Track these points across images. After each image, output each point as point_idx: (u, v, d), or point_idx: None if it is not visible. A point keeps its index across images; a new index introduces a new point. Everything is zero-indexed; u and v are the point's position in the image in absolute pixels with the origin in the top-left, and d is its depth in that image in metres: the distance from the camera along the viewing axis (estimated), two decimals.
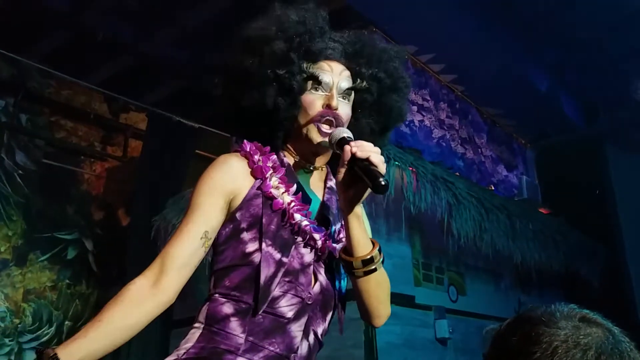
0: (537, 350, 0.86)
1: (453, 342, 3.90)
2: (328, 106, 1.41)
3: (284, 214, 1.34)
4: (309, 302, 1.34)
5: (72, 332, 4.81)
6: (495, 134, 5.48)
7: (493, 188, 5.13)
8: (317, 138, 1.40)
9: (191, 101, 5.28)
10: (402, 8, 4.04)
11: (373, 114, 1.52)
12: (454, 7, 4.14)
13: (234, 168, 1.38)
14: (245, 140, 1.43)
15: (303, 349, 1.34)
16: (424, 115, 4.37)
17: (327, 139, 1.38)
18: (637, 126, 5.68)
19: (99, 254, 5.18)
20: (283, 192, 1.36)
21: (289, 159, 1.45)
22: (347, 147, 1.28)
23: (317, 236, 1.36)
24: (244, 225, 1.33)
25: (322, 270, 1.39)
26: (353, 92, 1.48)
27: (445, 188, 3.89)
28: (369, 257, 1.33)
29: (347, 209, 1.33)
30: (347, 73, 1.48)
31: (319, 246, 1.37)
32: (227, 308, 1.30)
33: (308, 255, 1.36)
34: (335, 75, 1.45)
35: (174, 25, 4.46)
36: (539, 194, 5.81)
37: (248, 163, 1.39)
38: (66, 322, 4.87)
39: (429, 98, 4.50)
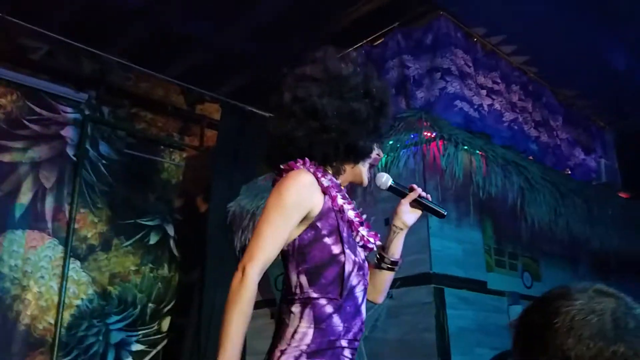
0: (557, 321, 0.95)
1: None
2: (378, 154, 1.93)
3: (350, 224, 1.78)
4: (366, 288, 1.81)
5: (155, 313, 5.08)
6: (572, 116, 5.29)
7: (569, 172, 4.98)
8: (365, 179, 1.90)
9: (262, 91, 5.39)
10: None
11: None
12: None
13: (312, 186, 1.72)
14: (307, 160, 1.77)
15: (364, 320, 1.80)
16: (493, 99, 4.27)
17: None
18: None
19: (179, 239, 5.41)
20: (349, 209, 1.79)
21: (333, 177, 1.83)
22: (416, 190, 1.89)
23: (372, 239, 1.85)
24: (324, 232, 1.70)
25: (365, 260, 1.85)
26: None
27: (518, 172, 3.82)
28: (401, 260, 1.94)
29: (403, 226, 1.91)
30: None
31: (373, 249, 1.87)
32: (329, 308, 1.67)
33: (363, 253, 1.82)
34: None
35: (244, 17, 4.57)
36: (618, 178, 5.59)
37: (317, 181, 1.74)
38: (149, 305, 5.11)
39: (499, 81, 4.39)
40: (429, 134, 3.56)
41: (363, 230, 1.82)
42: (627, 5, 4.52)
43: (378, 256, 1.92)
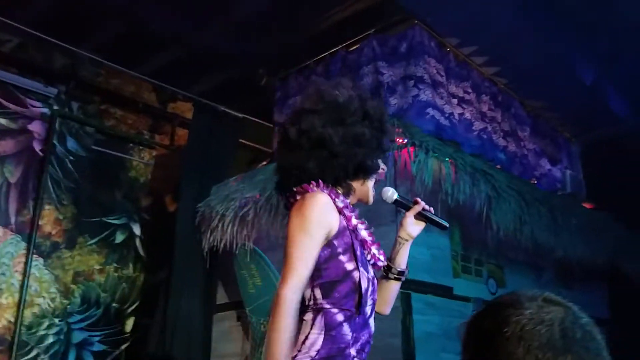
0: (508, 330, 0.96)
1: None
2: (382, 169, 2.01)
3: (363, 243, 1.90)
4: (375, 302, 1.91)
5: (119, 314, 5.00)
6: (539, 127, 5.39)
7: (535, 182, 5.07)
8: (371, 197, 1.99)
9: (236, 92, 5.38)
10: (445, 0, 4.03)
11: None
12: None
13: (330, 206, 1.82)
14: (320, 182, 1.86)
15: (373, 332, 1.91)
16: (464, 108, 4.33)
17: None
18: None
19: (146, 238, 5.34)
20: (362, 229, 1.91)
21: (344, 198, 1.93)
22: (420, 203, 2.00)
23: (382, 257, 1.97)
24: (340, 250, 1.81)
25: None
26: None
27: (485, 180, 3.88)
28: (407, 270, 2.06)
29: (409, 238, 2.02)
30: None
31: (381, 267, 1.99)
32: (340, 317, 1.77)
33: (372, 270, 1.92)
34: None
35: (221, 17, 4.55)
36: (583, 189, 5.72)
37: (333, 201, 1.85)
38: (113, 304, 5.03)
39: (470, 91, 4.46)
40: (400, 140, 3.60)
41: (374, 250, 1.94)
42: (594, 21, 4.64)
43: (385, 267, 2.02)
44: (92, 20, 4.70)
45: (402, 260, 2.03)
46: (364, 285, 1.79)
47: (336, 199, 1.85)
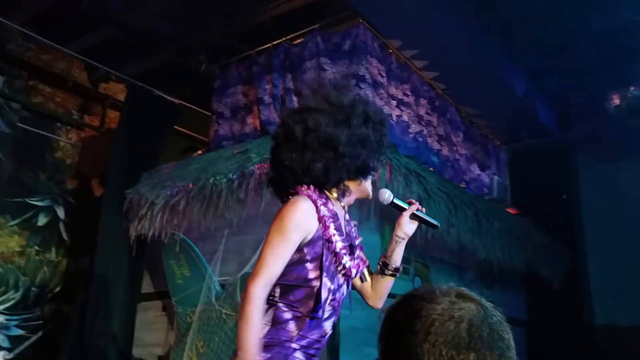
0: (417, 323, 0.97)
1: None
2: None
3: (335, 254, 1.94)
4: (337, 309, 2.01)
5: (38, 298, 4.81)
6: (472, 134, 5.56)
7: (465, 185, 5.22)
8: (371, 192, 2.09)
9: (173, 76, 5.26)
10: (390, 2, 4.07)
11: None
12: (441, 5, 4.18)
13: (310, 212, 1.89)
14: (311, 186, 1.93)
15: (329, 333, 2.00)
16: (402, 110, 4.41)
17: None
18: (608, 136, 5.82)
19: (70, 222, 5.17)
20: (337, 240, 1.94)
21: (334, 201, 1.99)
22: (414, 205, 2.08)
23: (353, 271, 2.01)
24: (308, 258, 1.90)
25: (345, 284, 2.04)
26: None
27: (418, 182, 3.96)
28: (401, 267, 2.15)
29: (405, 236, 2.09)
30: None
31: (353, 277, 2.04)
32: (288, 315, 1.89)
33: (342, 279, 2.00)
34: None
35: None
36: (508, 195, 5.93)
37: (316, 208, 1.91)
38: (33, 289, 4.84)
39: (409, 93, 4.54)
40: None
41: (347, 262, 1.99)
42: (530, 36, 4.84)
43: (381, 263, 2.12)
44: None
45: (397, 258, 2.11)
46: (323, 295, 1.89)
47: (322, 206, 1.92)
